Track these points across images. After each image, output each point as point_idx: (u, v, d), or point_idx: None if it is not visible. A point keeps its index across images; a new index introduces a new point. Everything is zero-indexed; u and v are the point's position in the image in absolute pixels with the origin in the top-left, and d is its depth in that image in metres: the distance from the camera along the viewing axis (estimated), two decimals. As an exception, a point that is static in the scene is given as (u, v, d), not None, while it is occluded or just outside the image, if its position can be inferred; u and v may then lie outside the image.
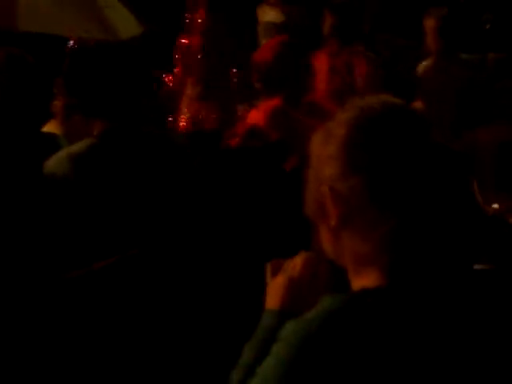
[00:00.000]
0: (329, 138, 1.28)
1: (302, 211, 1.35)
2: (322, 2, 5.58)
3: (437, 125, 1.42)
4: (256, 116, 3.51)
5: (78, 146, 2.60)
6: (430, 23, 5.13)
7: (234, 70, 5.07)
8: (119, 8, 3.95)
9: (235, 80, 5.07)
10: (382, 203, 1.22)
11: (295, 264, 1.50)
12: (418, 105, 4.62)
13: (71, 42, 3.52)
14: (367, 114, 1.27)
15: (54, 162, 2.54)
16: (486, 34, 6.28)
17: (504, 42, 5.66)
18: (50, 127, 3.39)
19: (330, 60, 5.14)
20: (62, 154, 2.59)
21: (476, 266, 1.59)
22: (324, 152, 1.28)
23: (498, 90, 4.81)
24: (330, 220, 1.26)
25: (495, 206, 1.73)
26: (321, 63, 4.82)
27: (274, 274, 1.51)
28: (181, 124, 3.89)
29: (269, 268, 1.53)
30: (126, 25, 3.82)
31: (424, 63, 5.20)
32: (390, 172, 1.22)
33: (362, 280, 1.26)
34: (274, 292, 1.48)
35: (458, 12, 6.53)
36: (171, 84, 4.88)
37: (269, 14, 5.82)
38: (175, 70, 5.36)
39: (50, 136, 3.12)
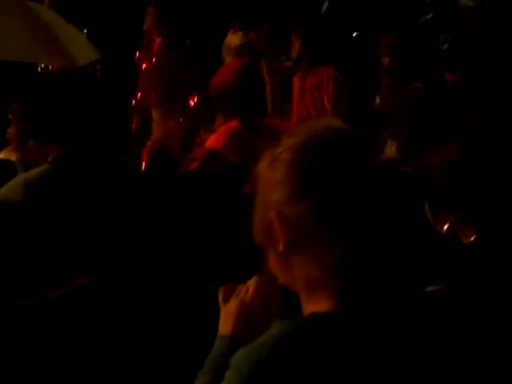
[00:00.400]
0: (276, 162, 1.28)
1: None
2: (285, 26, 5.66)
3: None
4: (215, 140, 3.50)
5: (33, 173, 2.57)
6: (386, 42, 5.20)
7: (195, 94, 5.08)
8: (76, 34, 3.94)
9: (196, 103, 5.07)
10: (330, 228, 1.22)
11: (247, 289, 1.49)
12: None
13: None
14: (314, 139, 1.27)
15: (10, 189, 2.52)
16: (444, 55, 6.37)
17: (462, 62, 5.73)
18: (5, 154, 3.36)
19: (300, 83, 5.22)
20: (18, 180, 2.56)
21: (429, 288, 1.60)
22: (271, 177, 1.28)
23: (455, 111, 4.90)
24: (278, 245, 1.26)
25: (446, 226, 1.73)
26: (294, 86, 4.90)
27: (227, 299, 1.50)
28: (145, 148, 3.89)
29: (221, 293, 1.52)
30: (83, 50, 3.81)
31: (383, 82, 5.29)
32: (337, 197, 1.22)
33: (313, 305, 1.25)
34: (227, 317, 1.46)
35: (415, 32, 6.67)
36: (133, 108, 4.87)
37: (230, 37, 5.86)
38: (137, 94, 5.36)
39: (6, 163, 3.09)
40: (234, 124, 3.49)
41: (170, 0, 5.68)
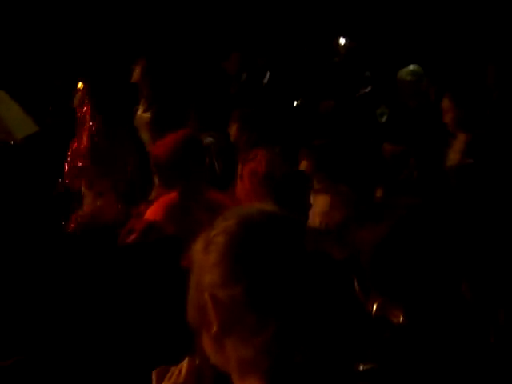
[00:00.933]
0: (210, 245, 1.30)
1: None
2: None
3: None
4: (154, 211, 3.49)
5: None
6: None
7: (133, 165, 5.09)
8: (13, 107, 3.92)
9: (134, 175, 5.07)
10: (262, 311, 1.23)
11: (180, 370, 1.47)
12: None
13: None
14: (247, 223, 1.29)
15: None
16: (382, 127, 6.53)
17: (400, 134, 5.86)
18: None
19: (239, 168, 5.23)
20: None
21: (360, 367, 1.60)
22: (205, 259, 1.30)
23: (398, 182, 5.00)
24: (212, 327, 1.26)
25: (375, 306, 1.75)
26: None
27: (160, 381, 1.48)
28: (77, 221, 3.84)
29: (154, 376, 1.50)
30: (21, 124, 3.78)
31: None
32: (268, 280, 1.24)
33: None
34: None
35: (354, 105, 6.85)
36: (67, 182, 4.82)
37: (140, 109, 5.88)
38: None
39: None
40: (172, 196, 3.49)
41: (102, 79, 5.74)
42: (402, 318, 1.72)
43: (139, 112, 5.65)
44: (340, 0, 9.14)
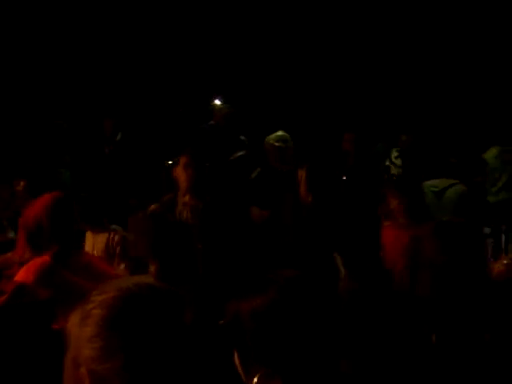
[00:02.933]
0: (86, 318, 1.29)
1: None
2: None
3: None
4: (24, 273, 3.43)
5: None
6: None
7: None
8: None
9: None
10: (139, 382, 1.23)
11: None
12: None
13: None
14: (123, 296, 1.29)
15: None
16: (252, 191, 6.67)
17: (268, 198, 6.02)
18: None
19: None
20: None
21: None
22: (82, 333, 1.28)
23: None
24: None
25: (256, 379, 1.76)
26: None
27: None
28: None
29: None
30: None
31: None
32: (146, 353, 1.24)
33: None
34: None
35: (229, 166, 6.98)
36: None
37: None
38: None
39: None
40: (44, 258, 3.45)
41: None
42: None
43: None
44: (213, 63, 9.37)
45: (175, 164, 5.51)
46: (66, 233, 3.52)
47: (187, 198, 5.19)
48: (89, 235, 4.82)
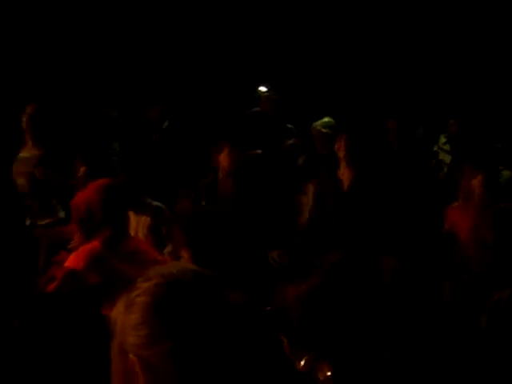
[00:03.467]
0: (132, 306, 1.30)
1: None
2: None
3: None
4: (75, 259, 3.47)
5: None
6: None
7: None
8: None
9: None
10: (189, 368, 1.24)
11: None
12: None
13: None
14: (168, 282, 1.30)
15: None
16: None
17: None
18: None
19: None
20: None
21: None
22: (127, 321, 1.30)
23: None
24: None
25: (303, 362, 1.77)
26: None
27: None
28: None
29: None
30: None
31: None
32: (193, 337, 1.25)
33: None
34: None
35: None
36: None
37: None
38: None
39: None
40: (94, 244, 3.49)
41: None
42: (328, 374, 1.73)
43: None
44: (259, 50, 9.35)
45: (218, 150, 5.53)
46: (117, 219, 3.56)
47: (229, 182, 5.20)
48: (132, 216, 4.80)
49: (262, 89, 8.13)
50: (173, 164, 6.80)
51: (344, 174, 5.16)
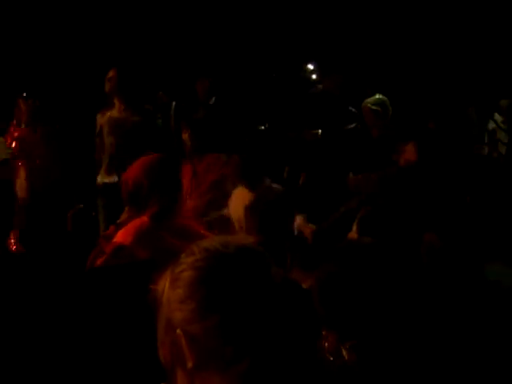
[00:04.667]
0: (177, 281, 1.30)
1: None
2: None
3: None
4: (123, 234, 3.46)
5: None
6: None
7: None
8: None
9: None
10: (237, 342, 1.23)
11: None
12: None
13: None
14: (212, 257, 1.29)
15: None
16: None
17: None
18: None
19: (191, 168, 5.35)
20: None
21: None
22: (173, 296, 1.30)
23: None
24: (187, 363, 1.26)
25: (327, 342, 1.78)
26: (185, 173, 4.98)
27: None
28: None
29: None
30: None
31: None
32: (240, 312, 1.24)
33: None
34: None
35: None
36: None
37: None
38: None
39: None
40: (143, 219, 3.47)
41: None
42: (351, 354, 1.73)
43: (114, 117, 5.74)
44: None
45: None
46: (166, 194, 3.53)
47: None
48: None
49: (310, 67, 8.04)
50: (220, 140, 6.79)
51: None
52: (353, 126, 6.92)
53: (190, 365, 1.26)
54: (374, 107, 6.19)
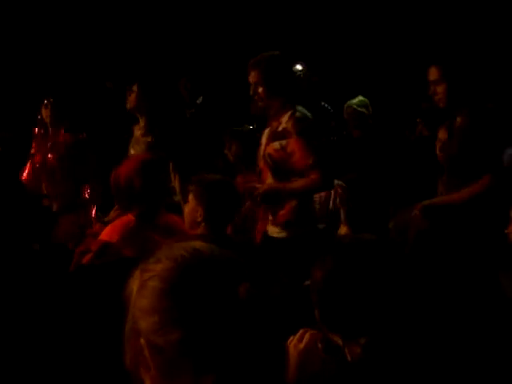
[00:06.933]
0: (143, 289, 1.28)
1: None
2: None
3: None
4: (109, 232, 3.48)
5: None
6: None
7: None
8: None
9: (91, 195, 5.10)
10: (199, 359, 1.22)
11: None
12: None
13: None
14: (179, 267, 1.27)
15: None
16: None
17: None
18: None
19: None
20: None
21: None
22: (138, 303, 1.28)
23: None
24: (150, 371, 1.25)
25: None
26: None
27: None
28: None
29: None
30: None
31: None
32: (203, 326, 1.22)
33: None
34: None
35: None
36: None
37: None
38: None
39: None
40: (129, 217, 3.49)
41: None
42: (364, 351, 1.73)
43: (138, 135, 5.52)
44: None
45: None
46: (155, 193, 3.56)
47: None
48: None
49: (298, 67, 8.05)
50: (208, 140, 6.76)
51: None
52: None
53: (152, 373, 1.26)
54: (359, 109, 6.23)
